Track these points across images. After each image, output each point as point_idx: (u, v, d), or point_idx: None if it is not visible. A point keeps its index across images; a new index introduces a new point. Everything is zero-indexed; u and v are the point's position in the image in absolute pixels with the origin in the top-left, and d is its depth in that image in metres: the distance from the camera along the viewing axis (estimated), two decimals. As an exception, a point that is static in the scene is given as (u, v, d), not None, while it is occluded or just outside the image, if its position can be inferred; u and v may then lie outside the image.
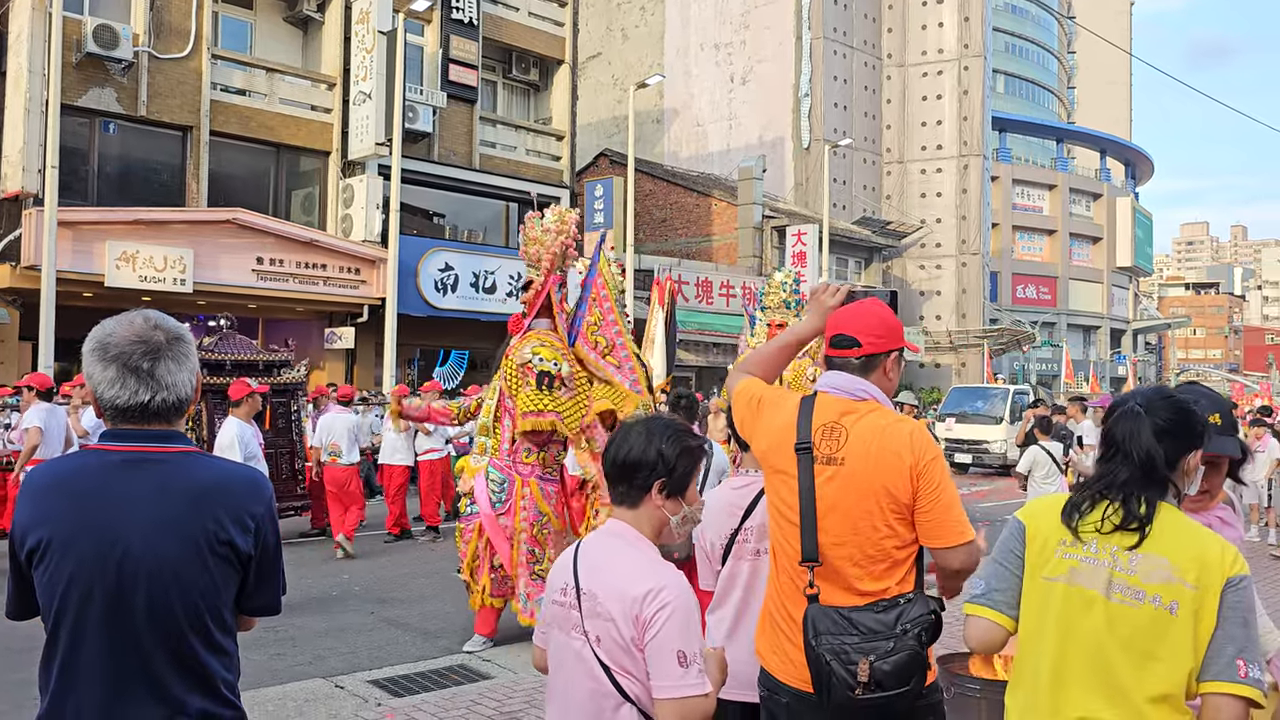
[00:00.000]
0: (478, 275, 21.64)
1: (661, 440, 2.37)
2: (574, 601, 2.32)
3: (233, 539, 2.06)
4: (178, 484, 2.05)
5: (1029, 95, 58.95)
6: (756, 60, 38.25)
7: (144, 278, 16.96)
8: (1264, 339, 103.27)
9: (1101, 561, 2.20)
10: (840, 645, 2.45)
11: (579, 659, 2.30)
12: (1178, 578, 2.13)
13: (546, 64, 25.86)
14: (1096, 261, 55.09)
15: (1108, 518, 2.21)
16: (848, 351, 2.72)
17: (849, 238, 34.40)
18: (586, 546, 2.42)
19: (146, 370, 2.06)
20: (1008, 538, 2.34)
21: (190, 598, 2.02)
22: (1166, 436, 2.23)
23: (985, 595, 2.33)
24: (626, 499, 2.39)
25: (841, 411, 2.67)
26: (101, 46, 17.08)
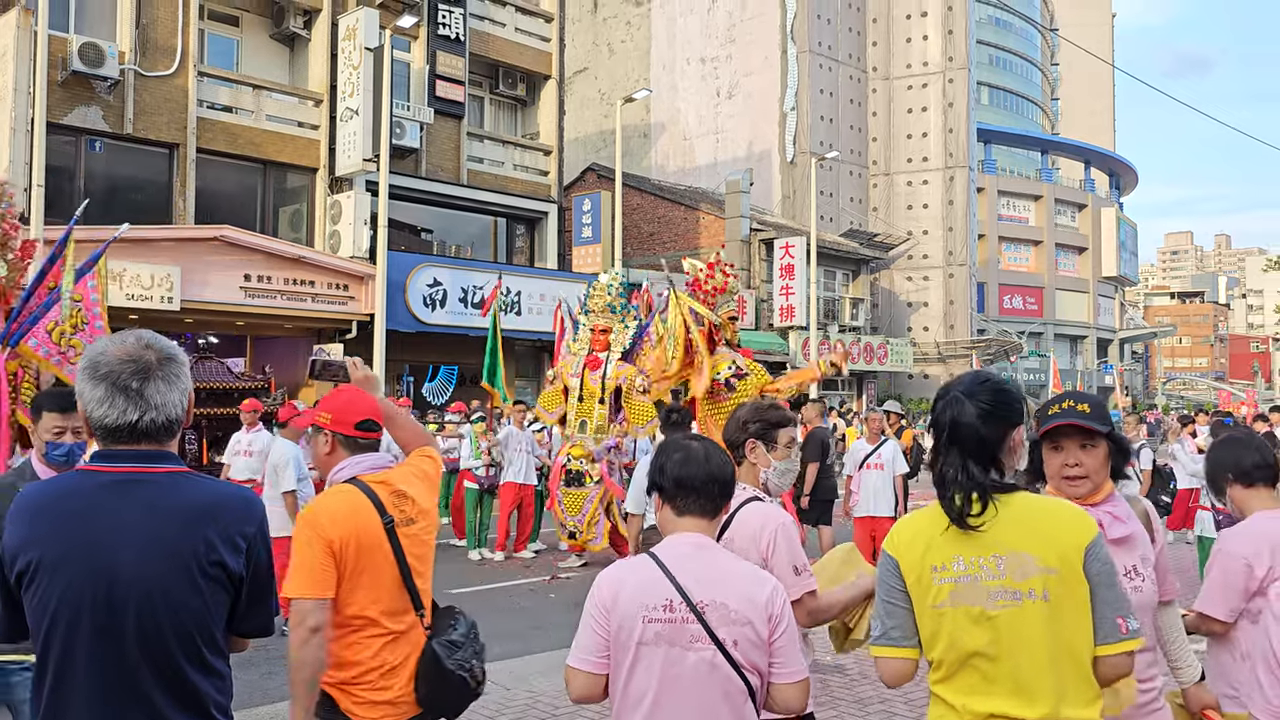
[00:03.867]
0: (466, 290, 21.62)
1: (722, 456, 2.67)
2: (687, 615, 2.42)
3: (224, 560, 2.04)
4: (168, 504, 2.03)
5: (1013, 107, 59.33)
6: (743, 74, 38.42)
7: (131, 296, 16.89)
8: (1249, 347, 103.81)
9: (974, 576, 2.25)
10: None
11: (707, 667, 2.41)
12: (1040, 566, 2.21)
13: (533, 79, 25.92)
14: (1082, 271, 55.38)
15: (973, 504, 2.28)
16: None
17: (836, 250, 34.51)
18: (674, 561, 2.49)
19: (136, 390, 2.05)
20: (885, 574, 2.39)
21: (181, 619, 2.00)
22: (989, 418, 2.33)
23: (884, 635, 2.37)
24: (708, 510, 2.59)
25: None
26: (87, 65, 17.05)
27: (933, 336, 39.15)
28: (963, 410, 2.34)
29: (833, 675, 6.94)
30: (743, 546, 3.14)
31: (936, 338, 39.08)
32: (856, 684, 6.77)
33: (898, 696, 6.42)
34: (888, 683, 2.42)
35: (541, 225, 25.56)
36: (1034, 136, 58.08)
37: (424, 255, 22.38)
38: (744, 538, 3.14)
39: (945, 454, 2.35)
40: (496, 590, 10.18)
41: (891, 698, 6.42)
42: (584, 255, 27.24)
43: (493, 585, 10.50)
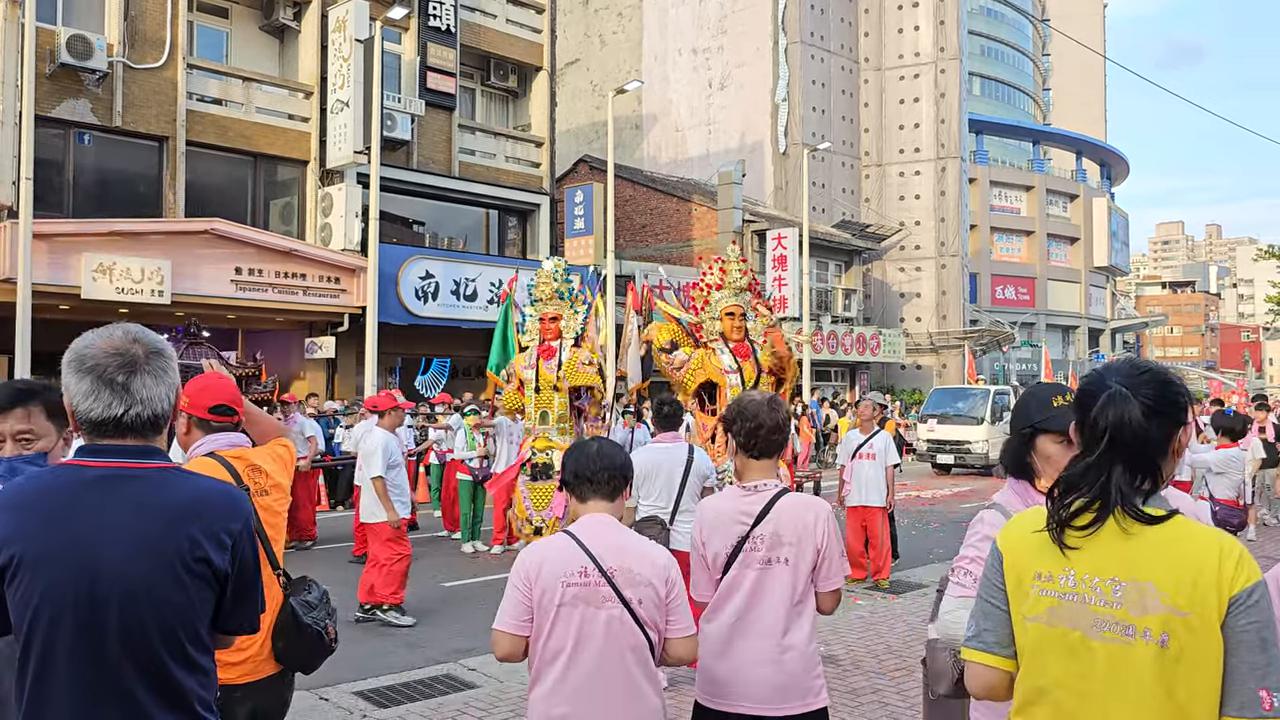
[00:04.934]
0: (458, 283, 21.58)
1: (621, 449, 3.16)
2: (599, 580, 2.85)
3: (209, 557, 2.02)
4: (153, 501, 2.02)
5: (1005, 97, 59.35)
6: (734, 65, 38.36)
7: (121, 289, 16.82)
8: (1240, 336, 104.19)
9: (1082, 596, 1.92)
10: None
11: (615, 622, 2.84)
12: (1166, 604, 1.83)
13: (525, 71, 25.85)
14: (1074, 262, 55.49)
15: (1109, 523, 1.93)
16: None
17: (829, 241, 34.51)
18: (588, 535, 2.93)
19: (121, 384, 2.03)
20: (988, 569, 2.09)
21: (164, 616, 1.98)
22: (1156, 415, 1.96)
23: (977, 636, 2.06)
24: (609, 494, 3.04)
25: None
26: (75, 57, 16.96)
27: (925, 327, 39.19)
28: (1128, 408, 1.95)
29: (826, 666, 6.94)
30: (794, 537, 3.20)
31: (929, 328, 39.12)
32: (849, 674, 6.79)
33: (890, 687, 6.44)
34: (975, 693, 2.11)
35: (534, 217, 25.52)
36: (1026, 127, 58.12)
37: (416, 248, 22.32)
38: (794, 529, 3.21)
39: (1092, 456, 1.97)
40: (491, 583, 10.16)
41: (884, 688, 6.44)
42: (576, 247, 27.20)
43: (486, 578, 10.49)
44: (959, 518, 15.63)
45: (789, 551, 3.19)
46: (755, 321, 9.02)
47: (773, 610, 3.19)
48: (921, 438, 24.12)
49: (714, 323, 8.76)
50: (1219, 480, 7.41)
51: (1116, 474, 1.94)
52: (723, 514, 3.32)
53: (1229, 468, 7.38)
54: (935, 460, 23.44)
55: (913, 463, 23.65)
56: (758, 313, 9.21)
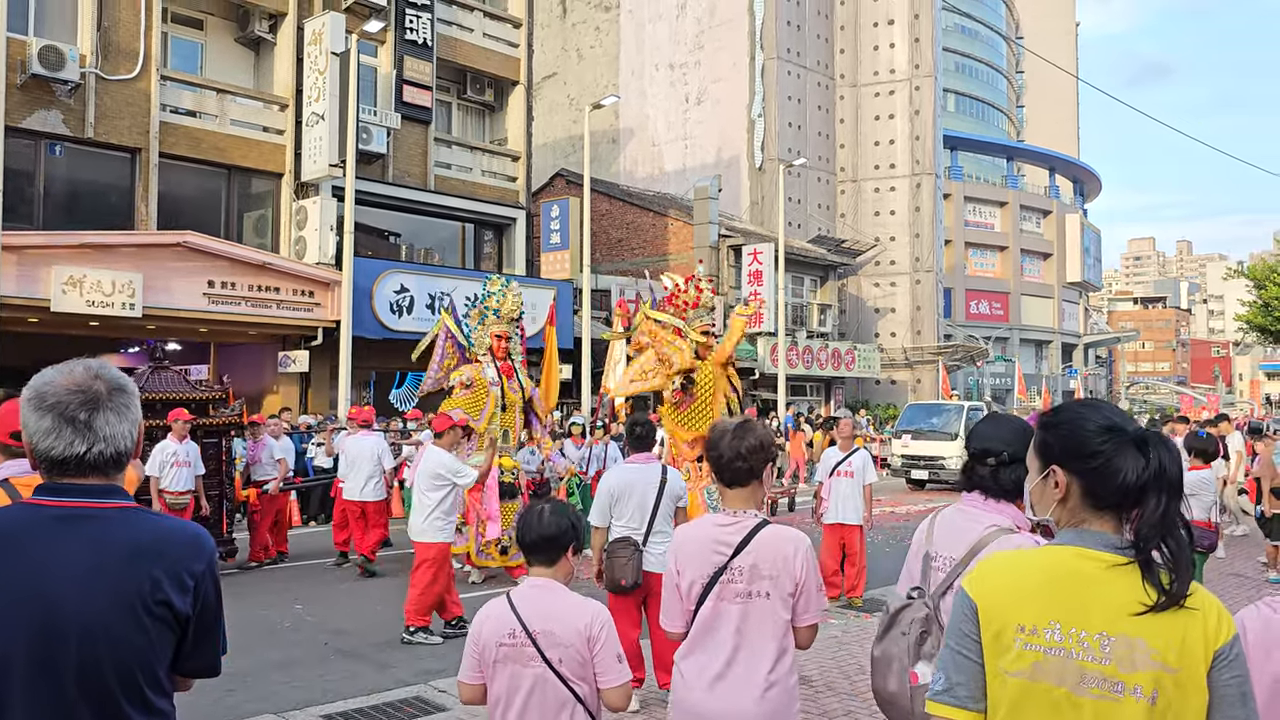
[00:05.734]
0: (433, 297, 21.49)
1: (569, 515, 3.29)
2: (527, 641, 3.09)
3: (169, 599, 1.99)
4: (113, 541, 1.98)
5: (979, 114, 59.90)
6: (711, 80, 38.51)
7: (91, 302, 16.67)
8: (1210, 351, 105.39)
9: (1068, 651, 1.85)
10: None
11: (540, 680, 3.07)
12: (1157, 661, 1.80)
13: (501, 84, 25.85)
14: (1047, 277, 55.98)
15: (1151, 587, 1.84)
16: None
17: (804, 256, 34.65)
18: (521, 600, 3.18)
19: (84, 421, 2.00)
20: (959, 618, 1.98)
21: (122, 658, 1.95)
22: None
23: (948, 691, 1.96)
24: (547, 561, 3.25)
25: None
26: (47, 68, 16.82)
27: (900, 342, 39.39)
28: (1172, 458, 1.89)
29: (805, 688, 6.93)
30: (772, 570, 3.16)
31: (904, 343, 39.33)
32: (821, 695, 6.77)
33: (862, 709, 6.43)
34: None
35: (510, 231, 25.48)
36: (1000, 144, 58.65)
37: (391, 261, 22.24)
38: (773, 561, 3.17)
39: (1159, 503, 1.88)
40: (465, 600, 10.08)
41: (857, 709, 6.43)
42: (552, 261, 27.17)
43: (485, 592, 10.39)
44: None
45: (768, 585, 3.15)
46: (719, 339, 9.25)
47: (758, 647, 3.14)
48: (896, 453, 24.20)
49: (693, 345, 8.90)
50: (1191, 502, 7.46)
51: (1180, 527, 1.90)
52: (700, 543, 3.27)
53: (1201, 490, 7.43)
54: (910, 476, 23.52)
55: (887, 478, 23.72)
56: (715, 329, 9.45)
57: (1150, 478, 1.88)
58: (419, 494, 8.51)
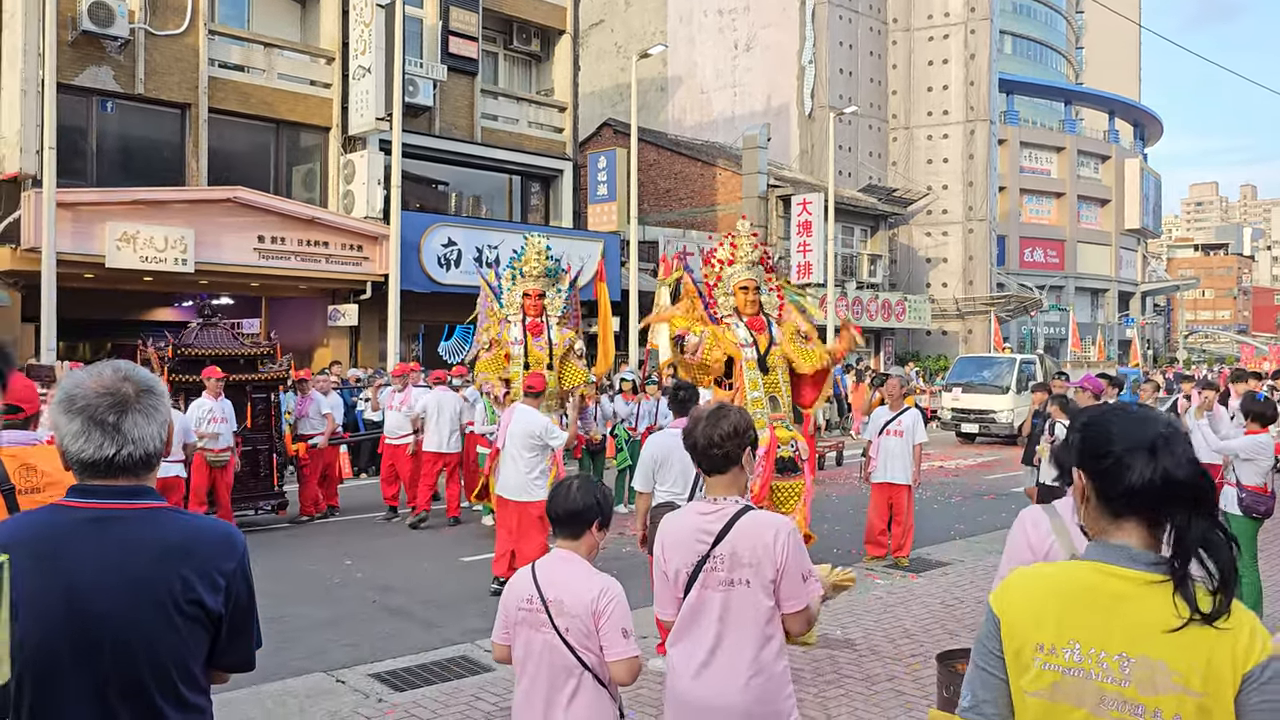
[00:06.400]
0: (481, 250, 21.51)
1: (595, 491, 3.43)
2: (541, 607, 3.27)
3: (201, 598, 2.01)
4: (145, 542, 2.00)
5: (1037, 56, 58.32)
6: (760, 26, 37.82)
7: (145, 258, 16.90)
8: (1273, 299, 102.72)
9: (1087, 672, 1.78)
10: None
11: (549, 646, 3.23)
12: (1179, 684, 1.71)
13: (548, 34, 25.60)
14: (1105, 224, 54.72)
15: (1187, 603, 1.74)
16: None
17: (855, 206, 34.15)
18: (543, 569, 3.36)
19: (113, 424, 2.02)
20: (984, 634, 1.94)
21: (157, 657, 1.98)
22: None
23: (973, 708, 1.92)
24: (571, 534, 3.39)
25: None
26: (97, 24, 16.93)
27: (951, 293, 38.81)
28: (1179, 460, 1.82)
29: (841, 651, 6.92)
30: (752, 558, 3.11)
31: (955, 294, 38.75)
32: (865, 660, 6.75)
33: (906, 675, 6.41)
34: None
35: (557, 183, 25.38)
36: (1057, 87, 57.12)
37: (439, 215, 22.27)
38: (753, 549, 3.12)
39: (1186, 514, 1.79)
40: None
41: (900, 675, 6.40)
42: (600, 213, 27.04)
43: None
44: (982, 490, 15.55)
45: (748, 573, 3.11)
46: (770, 295, 8.90)
47: (740, 635, 3.12)
48: (946, 406, 23.96)
49: (728, 298, 8.65)
50: (1246, 467, 7.27)
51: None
52: (683, 531, 3.24)
53: (1258, 454, 7.23)
54: (960, 429, 23.29)
55: (937, 430, 23.52)
56: (771, 284, 9.09)
57: (1160, 481, 1.79)
58: (515, 453, 8.54)
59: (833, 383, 24.28)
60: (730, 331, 8.51)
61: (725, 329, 8.56)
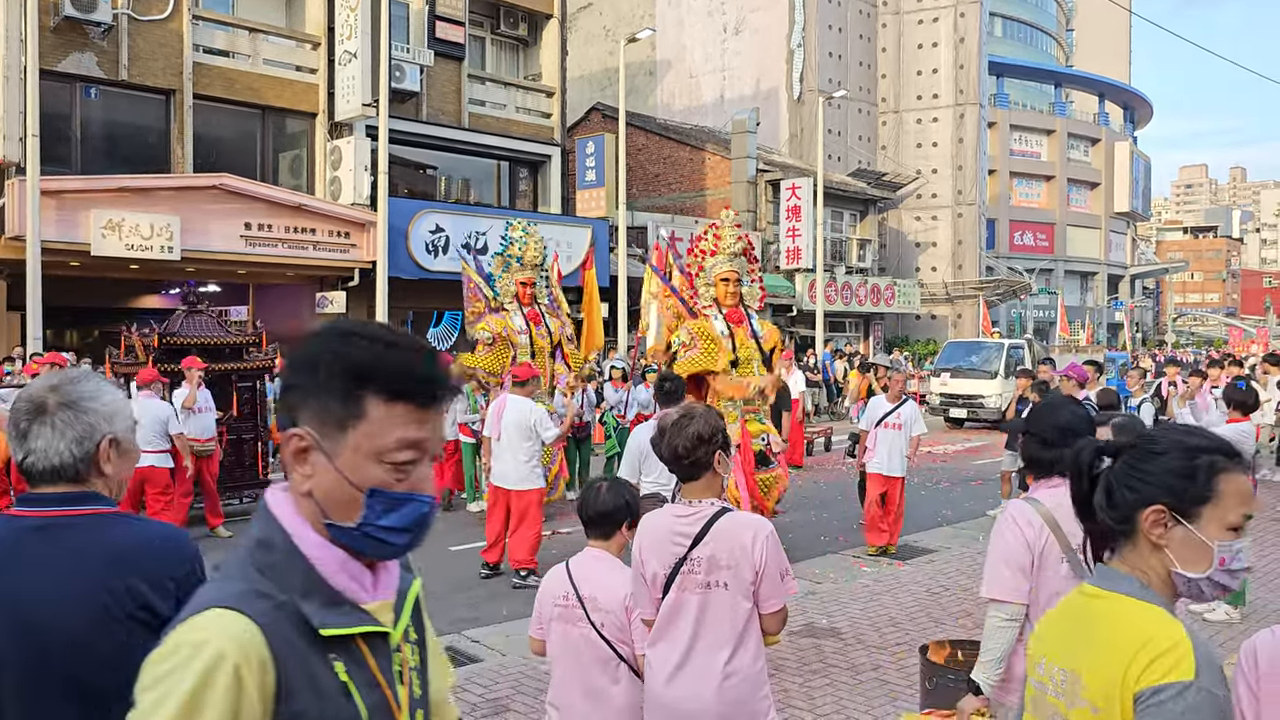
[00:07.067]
0: (469, 236, 21.44)
1: (624, 492, 3.58)
2: (577, 604, 3.45)
3: (152, 604, 1.99)
4: (91, 549, 1.99)
5: (1027, 39, 58.20)
6: (749, 10, 37.67)
7: (131, 245, 16.80)
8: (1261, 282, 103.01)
9: (1044, 686, 1.80)
10: None
11: (586, 640, 3.41)
12: (1086, 699, 1.69)
13: (535, 18, 25.45)
14: (1094, 207, 54.78)
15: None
16: None
17: (844, 190, 34.11)
18: (576, 566, 3.54)
19: (21, 431, 2.05)
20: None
21: (109, 666, 1.95)
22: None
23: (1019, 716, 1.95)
24: (603, 534, 3.55)
25: None
26: (79, 10, 16.76)
27: (941, 276, 38.85)
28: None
29: (826, 640, 6.95)
30: (730, 560, 3.12)
31: (944, 278, 38.79)
32: (850, 648, 6.78)
33: (891, 664, 6.44)
34: None
35: (545, 168, 25.29)
36: (1047, 69, 57.04)
37: (426, 201, 22.17)
38: (730, 551, 3.13)
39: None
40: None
41: (886, 664, 6.44)
42: (588, 199, 26.97)
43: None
44: (969, 475, 15.62)
45: (726, 575, 3.12)
46: (751, 286, 8.91)
47: (716, 636, 3.13)
48: (934, 391, 24.02)
49: (708, 289, 8.66)
50: (1228, 455, 7.31)
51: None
52: (660, 533, 3.26)
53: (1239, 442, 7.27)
54: (948, 414, 23.36)
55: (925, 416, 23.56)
56: (753, 277, 9.10)
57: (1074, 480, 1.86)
58: (510, 443, 8.60)
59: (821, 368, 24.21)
60: (709, 324, 8.53)
61: (704, 321, 8.57)
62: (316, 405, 1.37)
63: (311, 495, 1.38)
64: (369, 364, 1.35)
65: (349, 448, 1.36)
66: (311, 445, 1.37)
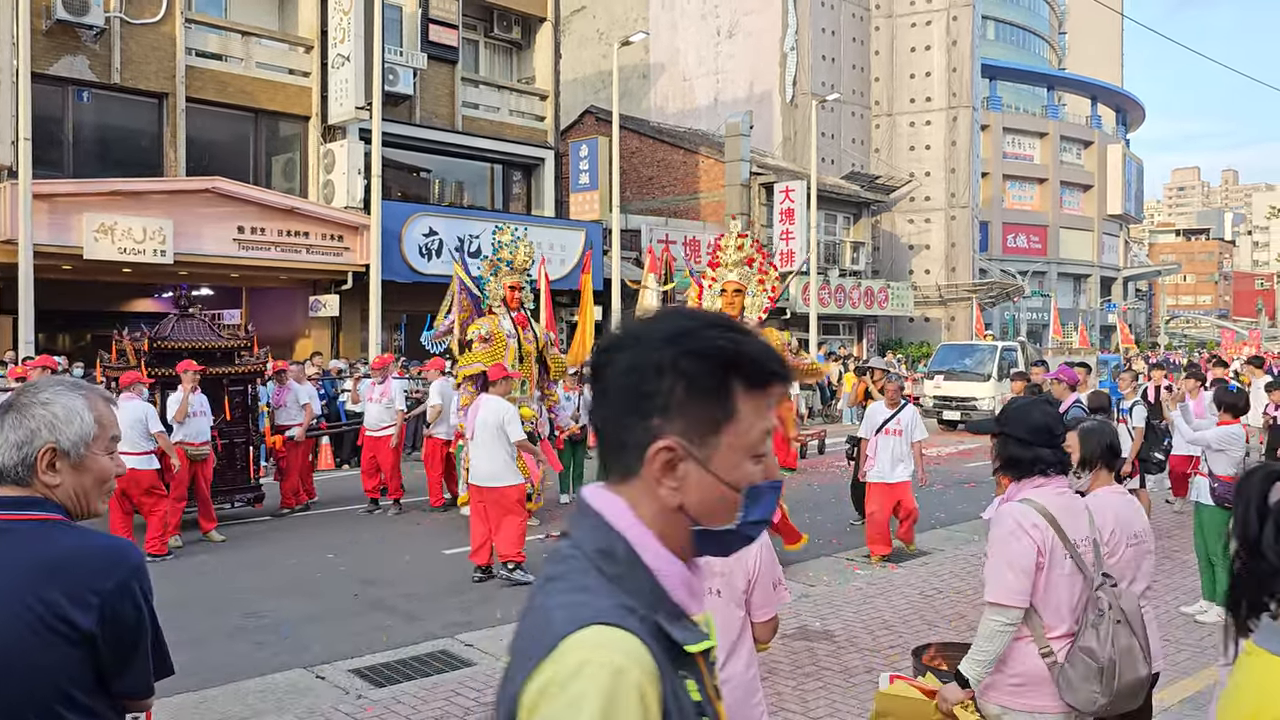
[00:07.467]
0: (462, 239, 21.43)
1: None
2: None
3: (70, 617, 1.93)
4: (21, 557, 1.95)
5: (1019, 41, 58.37)
6: (743, 13, 37.71)
7: (123, 249, 16.78)
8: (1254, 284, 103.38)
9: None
10: None
11: None
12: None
13: (529, 21, 25.47)
14: (1087, 209, 54.93)
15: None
16: None
17: (837, 193, 34.16)
18: None
19: None
20: None
21: (32, 679, 1.90)
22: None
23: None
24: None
25: None
26: (72, 13, 16.76)
27: (934, 279, 38.91)
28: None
29: (820, 643, 6.96)
30: (724, 567, 3.10)
31: (938, 280, 38.84)
32: (844, 652, 6.79)
33: (884, 666, 6.44)
34: None
35: (538, 172, 25.30)
36: (1040, 72, 57.22)
37: (420, 204, 22.17)
38: (724, 559, 3.10)
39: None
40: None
41: (878, 667, 6.44)
42: (581, 202, 26.98)
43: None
44: (963, 478, 15.62)
45: (719, 582, 3.10)
46: (757, 296, 8.96)
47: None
48: (928, 394, 24.06)
49: (716, 299, 8.76)
50: (1219, 457, 7.32)
51: None
52: None
53: (1229, 445, 7.29)
54: (941, 416, 23.39)
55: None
56: (762, 283, 9.14)
57: None
58: (486, 442, 8.72)
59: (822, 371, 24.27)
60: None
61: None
62: (682, 411, 1.27)
63: (683, 508, 1.29)
64: (732, 356, 1.27)
65: (723, 449, 1.28)
66: (682, 455, 1.27)
